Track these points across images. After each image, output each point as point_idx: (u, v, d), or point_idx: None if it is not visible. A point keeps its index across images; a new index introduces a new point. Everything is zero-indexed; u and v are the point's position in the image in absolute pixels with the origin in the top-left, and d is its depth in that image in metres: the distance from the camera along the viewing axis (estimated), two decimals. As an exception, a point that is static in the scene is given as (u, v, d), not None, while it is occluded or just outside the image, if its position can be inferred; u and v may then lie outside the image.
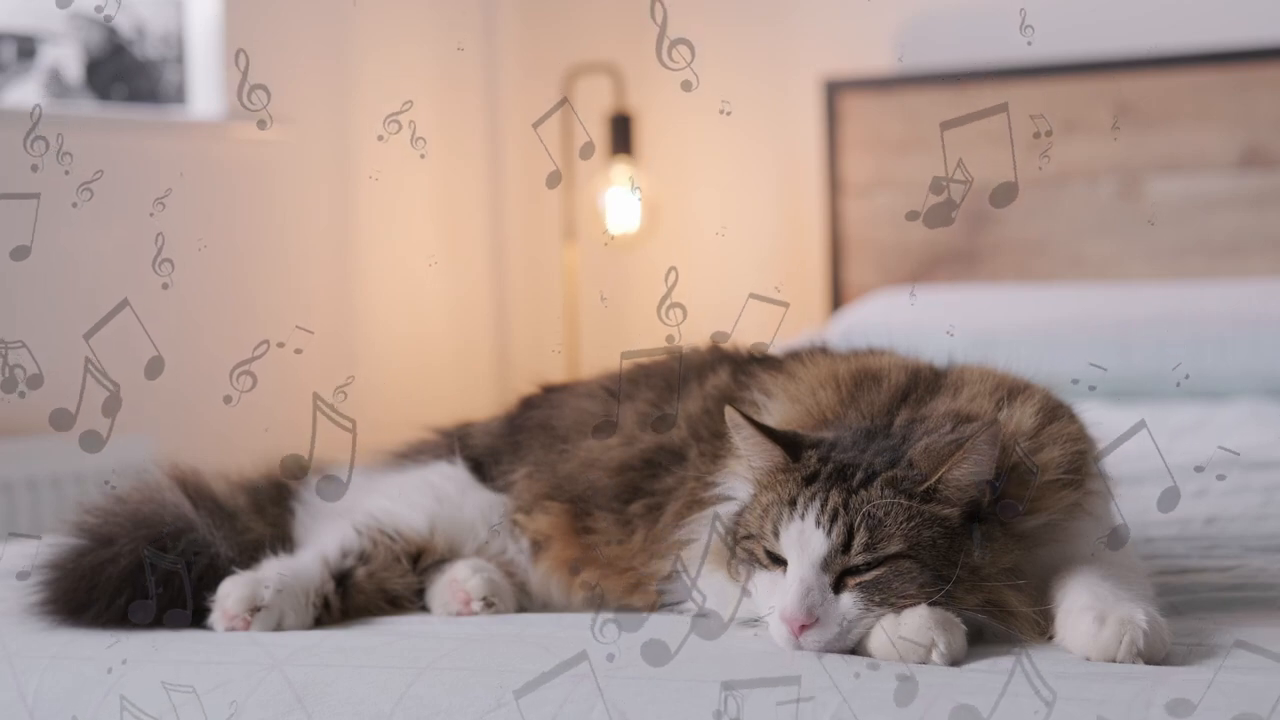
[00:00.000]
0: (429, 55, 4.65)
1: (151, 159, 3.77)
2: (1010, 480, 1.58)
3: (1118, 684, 1.37)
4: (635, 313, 4.78)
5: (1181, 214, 4.17)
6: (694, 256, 4.72)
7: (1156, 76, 4.17)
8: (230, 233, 3.99)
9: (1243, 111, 4.11)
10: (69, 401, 1.55)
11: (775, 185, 4.66)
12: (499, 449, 1.99)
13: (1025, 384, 1.73)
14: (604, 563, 1.83)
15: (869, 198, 4.45)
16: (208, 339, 3.86)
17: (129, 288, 3.57)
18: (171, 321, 3.74)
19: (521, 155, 4.90)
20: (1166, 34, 4.20)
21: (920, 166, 4.38)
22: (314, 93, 4.22)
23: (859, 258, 4.47)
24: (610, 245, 4.63)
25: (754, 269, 4.66)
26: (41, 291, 3.53)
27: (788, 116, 4.62)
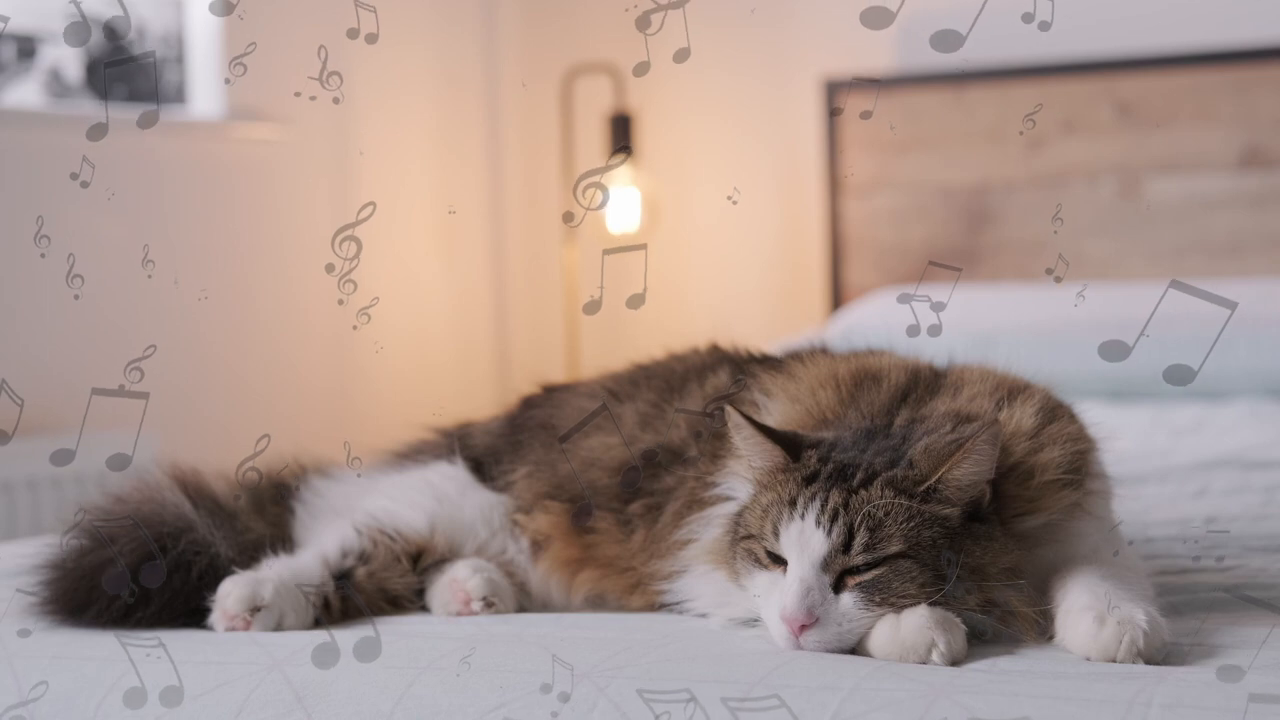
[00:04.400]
0: (429, 55, 4.65)
1: (151, 159, 3.77)
2: (1010, 480, 1.58)
3: (1118, 684, 1.37)
4: (635, 313, 4.78)
5: (1181, 214, 4.17)
6: (694, 256, 4.72)
7: (1156, 76, 4.17)
8: (230, 233, 3.99)
9: (1243, 111, 4.11)
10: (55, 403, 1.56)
11: (775, 185, 4.66)
12: (499, 449, 1.99)
13: (1025, 384, 1.73)
14: (604, 563, 1.84)
15: (869, 198, 4.45)
16: (208, 339, 3.86)
17: (129, 287, 3.57)
18: (172, 321, 3.74)
19: (522, 155, 4.90)
20: (1166, 34, 4.20)
21: (920, 166, 4.39)
22: (314, 92, 4.22)
23: (859, 258, 4.47)
24: (609, 250, 4.62)
25: (754, 269, 4.66)
26: (43, 290, 3.52)
27: (788, 116, 4.62)
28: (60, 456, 1.60)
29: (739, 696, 1.42)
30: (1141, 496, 2.36)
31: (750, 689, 1.42)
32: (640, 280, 4.73)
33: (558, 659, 1.53)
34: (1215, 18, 4.16)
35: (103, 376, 3.45)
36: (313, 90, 1.58)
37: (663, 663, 1.50)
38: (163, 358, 3.66)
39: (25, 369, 3.36)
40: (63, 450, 1.61)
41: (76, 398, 3.46)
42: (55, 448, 3.19)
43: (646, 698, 1.45)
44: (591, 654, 1.54)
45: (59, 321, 3.51)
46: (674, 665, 1.50)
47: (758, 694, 1.42)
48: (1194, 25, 4.18)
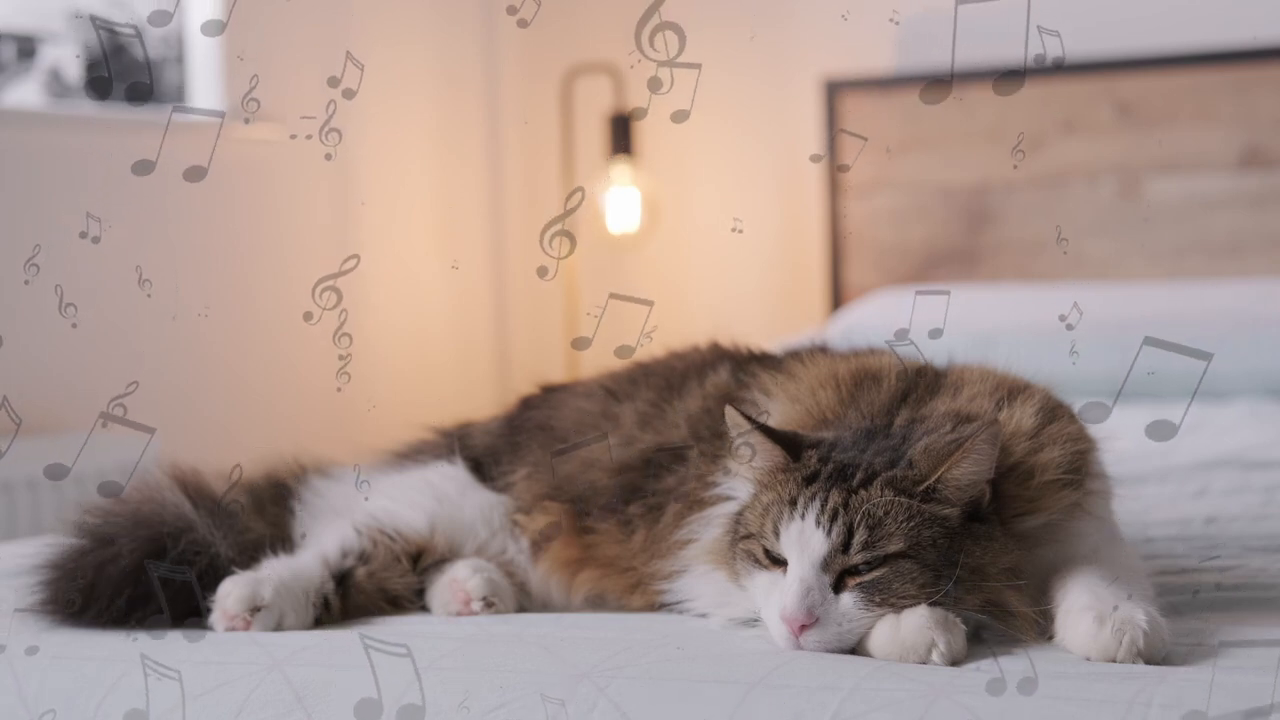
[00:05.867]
0: (429, 55, 4.65)
1: (151, 159, 3.76)
2: (1010, 480, 1.58)
3: (1118, 684, 1.37)
4: (635, 313, 4.77)
5: (1181, 214, 4.17)
6: (694, 256, 4.72)
7: (1156, 76, 4.17)
8: (230, 232, 3.99)
9: (1243, 111, 4.11)
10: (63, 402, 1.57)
11: (775, 185, 4.65)
12: (499, 449, 1.99)
13: (1025, 384, 1.73)
14: (604, 563, 1.83)
15: (869, 198, 4.45)
16: (208, 338, 3.86)
17: (128, 285, 3.57)
18: (172, 321, 3.74)
19: (522, 155, 4.90)
20: (1166, 34, 4.19)
21: (920, 166, 4.39)
22: (314, 92, 4.22)
23: (859, 258, 4.47)
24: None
25: (754, 268, 4.66)
26: (37, 288, 3.52)
27: (788, 116, 4.62)
28: (54, 470, 1.61)
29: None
30: (1141, 496, 2.35)
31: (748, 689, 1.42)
32: (638, 287, 4.74)
33: (558, 659, 1.53)
34: (1215, 18, 4.16)
35: (102, 375, 3.46)
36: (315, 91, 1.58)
37: (663, 663, 1.50)
38: (163, 357, 3.67)
39: (25, 369, 3.36)
40: (56, 465, 1.61)
41: (77, 398, 3.47)
42: (55, 448, 3.18)
43: (646, 697, 1.45)
44: (591, 654, 1.54)
45: (59, 321, 3.50)
46: (674, 665, 1.50)
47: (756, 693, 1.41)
48: (1194, 25, 4.18)
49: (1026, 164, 4.25)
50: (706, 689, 1.45)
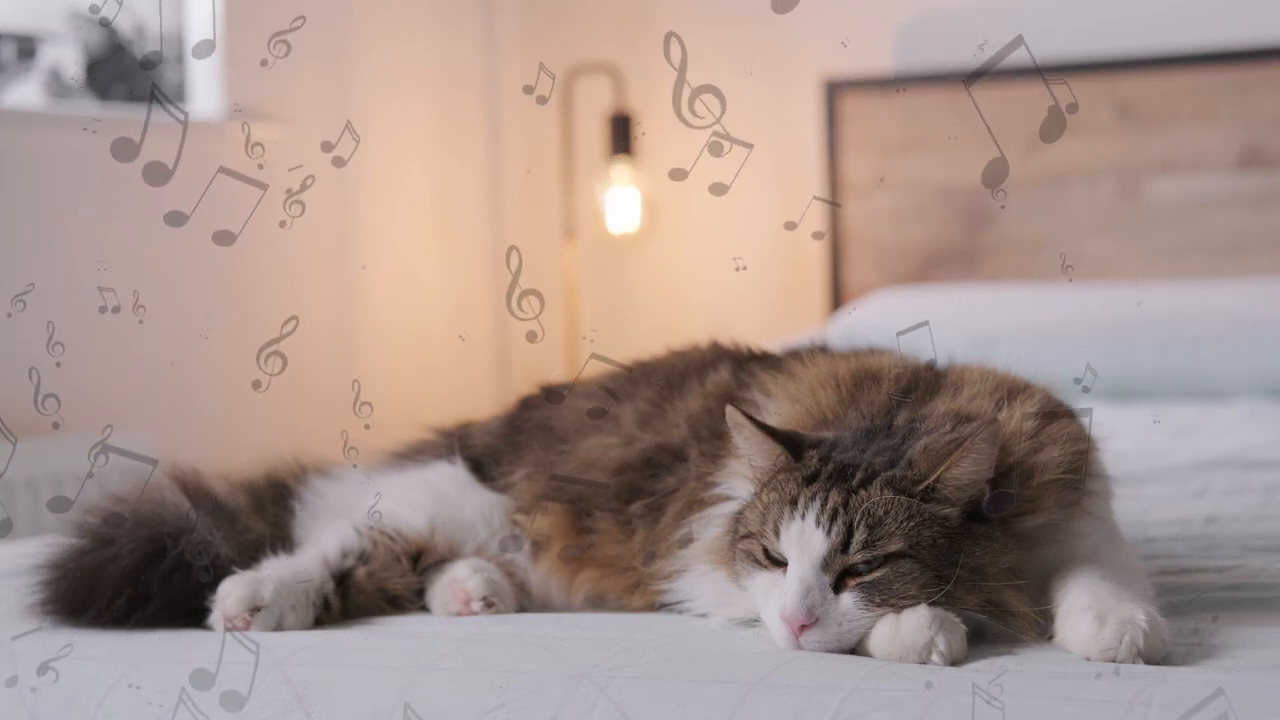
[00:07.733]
0: (429, 55, 4.65)
1: (151, 159, 3.76)
2: (1010, 480, 1.58)
3: (1118, 684, 1.37)
4: (635, 313, 4.78)
5: (1181, 214, 4.17)
6: (694, 256, 4.72)
7: (1156, 76, 4.17)
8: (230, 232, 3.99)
9: (1243, 111, 4.11)
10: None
11: (775, 185, 4.65)
12: (499, 449, 1.99)
13: (1025, 384, 1.73)
14: (604, 563, 1.83)
15: (869, 198, 4.45)
16: (209, 339, 3.85)
17: (128, 286, 3.57)
18: (172, 321, 3.74)
19: (522, 155, 4.90)
20: (1166, 34, 4.19)
21: (920, 166, 4.39)
22: (314, 93, 4.22)
23: (859, 258, 4.47)
24: (610, 246, 4.62)
25: (754, 269, 4.66)
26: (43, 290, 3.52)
27: (788, 116, 4.62)
28: (57, 504, 1.62)
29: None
30: (1141, 496, 2.35)
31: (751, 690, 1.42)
32: (638, 286, 4.74)
33: (557, 659, 1.53)
34: (1215, 18, 4.16)
35: (101, 377, 3.45)
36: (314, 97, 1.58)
37: (663, 663, 1.50)
38: (162, 356, 3.67)
39: (25, 369, 3.36)
40: (60, 498, 1.62)
41: (76, 398, 3.46)
42: (56, 448, 3.18)
43: (646, 697, 1.45)
44: (591, 654, 1.54)
45: (58, 322, 3.50)
46: (674, 665, 1.50)
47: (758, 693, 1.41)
48: (1194, 25, 4.18)
49: (1026, 164, 4.25)
50: (706, 689, 1.45)
